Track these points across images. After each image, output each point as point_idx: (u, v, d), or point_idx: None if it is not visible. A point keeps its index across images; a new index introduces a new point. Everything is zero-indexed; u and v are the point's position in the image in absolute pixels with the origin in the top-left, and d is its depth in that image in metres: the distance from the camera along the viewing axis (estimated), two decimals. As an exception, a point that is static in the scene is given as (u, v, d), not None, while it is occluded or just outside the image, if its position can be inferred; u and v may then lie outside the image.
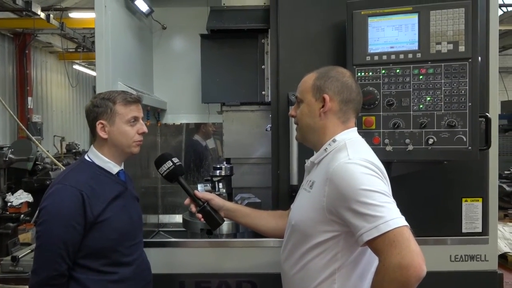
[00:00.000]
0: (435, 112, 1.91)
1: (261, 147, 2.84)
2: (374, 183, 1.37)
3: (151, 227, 3.19)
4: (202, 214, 1.86)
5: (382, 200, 1.34)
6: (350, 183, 1.37)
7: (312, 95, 1.57)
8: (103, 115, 1.83)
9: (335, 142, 1.53)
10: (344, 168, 1.41)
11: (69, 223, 1.70)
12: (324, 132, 1.56)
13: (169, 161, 1.87)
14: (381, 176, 1.42)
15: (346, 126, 1.57)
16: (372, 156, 1.50)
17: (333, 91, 1.54)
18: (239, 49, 2.80)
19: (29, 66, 11.68)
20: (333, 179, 1.41)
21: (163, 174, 1.88)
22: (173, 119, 3.33)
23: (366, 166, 1.40)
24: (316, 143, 1.59)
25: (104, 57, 2.28)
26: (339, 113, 1.55)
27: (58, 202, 1.72)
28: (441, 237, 2.23)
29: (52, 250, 1.69)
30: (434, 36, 1.90)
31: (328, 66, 1.63)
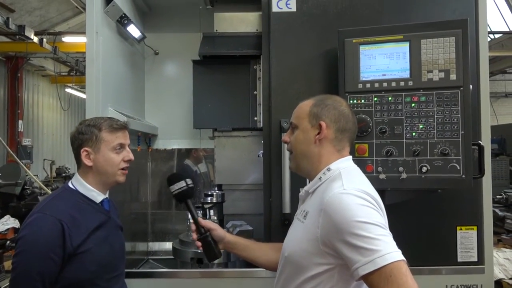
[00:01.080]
0: (428, 140, 1.90)
1: (253, 173, 2.81)
2: (370, 215, 1.33)
3: (140, 255, 3.10)
4: (201, 243, 1.79)
5: (378, 233, 1.29)
6: (344, 214, 1.33)
7: (308, 122, 1.54)
8: (88, 142, 1.79)
9: (329, 171, 1.50)
10: (339, 199, 1.37)
11: (47, 254, 1.63)
12: (318, 160, 1.53)
13: (183, 181, 1.80)
14: (376, 207, 1.38)
15: (341, 154, 1.55)
16: (367, 186, 1.46)
17: (330, 119, 1.52)
18: (231, 75, 2.80)
19: (21, 89, 11.65)
20: (327, 210, 1.38)
21: (173, 193, 1.80)
22: (164, 145, 3.30)
23: (361, 197, 1.36)
24: (310, 171, 1.56)
25: (94, 82, 2.27)
26: (334, 141, 1.53)
27: (36, 232, 1.65)
28: (437, 266, 2.19)
29: (28, 283, 1.62)
30: (425, 64, 1.91)
31: (324, 94, 1.62)
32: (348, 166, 1.52)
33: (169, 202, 3.29)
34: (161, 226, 3.30)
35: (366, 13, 2.24)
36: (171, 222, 3.29)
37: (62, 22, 11.37)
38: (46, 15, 10.70)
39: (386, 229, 1.34)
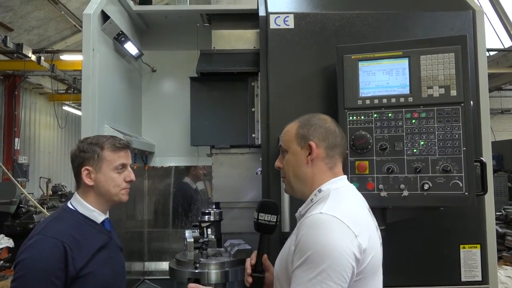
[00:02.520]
0: (430, 157, 1.87)
1: (251, 191, 2.77)
2: (330, 243, 1.30)
3: (136, 275, 3.03)
4: (254, 281, 1.68)
5: (323, 276, 1.28)
6: (309, 232, 1.34)
7: (297, 144, 1.54)
8: (90, 161, 1.75)
9: (320, 192, 1.49)
10: (314, 219, 1.36)
11: (48, 278, 1.57)
12: (312, 180, 1.52)
13: (276, 217, 1.67)
14: (350, 233, 1.33)
15: (334, 172, 1.53)
16: (352, 210, 1.43)
17: (318, 138, 1.52)
18: (229, 92, 2.79)
19: (18, 107, 11.63)
20: (301, 229, 1.38)
21: (259, 221, 1.67)
22: (161, 162, 3.26)
23: (332, 222, 1.34)
24: (304, 192, 1.54)
25: (90, 100, 2.24)
26: (326, 159, 1.52)
27: (37, 255, 1.60)
28: (440, 286, 2.14)
29: None
30: (425, 80, 1.89)
31: (308, 114, 1.61)
32: (340, 187, 1.50)
33: (166, 221, 3.24)
34: (157, 245, 3.24)
35: (364, 30, 2.24)
36: (167, 241, 3.23)
37: (60, 40, 11.43)
38: (45, 33, 10.76)
39: (336, 270, 1.29)
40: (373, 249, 1.38)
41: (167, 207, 3.26)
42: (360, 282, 1.35)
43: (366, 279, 1.37)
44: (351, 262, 1.31)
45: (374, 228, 1.47)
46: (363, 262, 1.34)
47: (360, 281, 1.35)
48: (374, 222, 1.52)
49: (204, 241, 2.56)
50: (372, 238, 1.40)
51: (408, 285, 2.14)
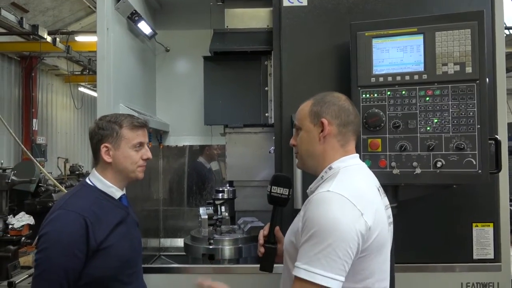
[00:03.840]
0: (443, 135, 1.86)
1: (264, 169, 2.79)
2: (337, 222, 1.33)
3: (152, 251, 3.11)
4: (265, 251, 1.73)
5: (328, 251, 1.31)
6: (315, 210, 1.37)
7: (310, 121, 1.56)
8: (108, 138, 1.79)
9: (330, 170, 1.51)
10: (321, 197, 1.39)
11: (71, 251, 1.63)
12: (323, 157, 1.54)
13: (288, 190, 1.71)
14: (357, 210, 1.35)
15: (345, 150, 1.54)
16: (360, 186, 1.45)
17: (331, 115, 1.53)
18: (242, 71, 2.79)
19: (35, 89, 11.80)
20: (308, 205, 1.42)
21: (272, 193, 1.71)
22: (175, 141, 3.30)
23: (339, 200, 1.36)
24: (316, 169, 1.57)
25: (105, 79, 2.27)
26: (339, 136, 1.53)
27: (60, 229, 1.66)
28: (451, 263, 2.15)
29: (52, 279, 1.62)
30: (440, 57, 1.87)
31: (323, 92, 1.62)
32: (350, 165, 1.51)
33: (180, 199, 3.30)
34: (172, 222, 3.31)
35: (378, 7, 2.21)
36: (182, 219, 3.30)
37: (74, 21, 11.49)
38: (59, 15, 10.81)
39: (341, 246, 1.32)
40: (378, 227, 1.40)
41: (182, 185, 3.31)
42: (365, 258, 1.38)
43: (371, 255, 1.39)
44: (356, 239, 1.33)
45: (382, 207, 1.48)
46: (368, 240, 1.37)
47: (365, 258, 1.38)
48: (384, 201, 1.53)
49: (218, 218, 2.61)
50: (378, 216, 1.41)
51: (420, 263, 2.17)
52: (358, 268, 1.38)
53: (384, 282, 1.48)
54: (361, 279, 1.40)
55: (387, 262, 1.49)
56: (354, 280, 1.39)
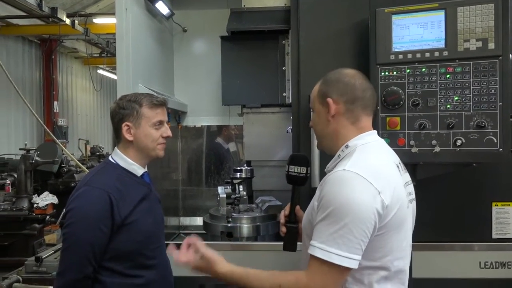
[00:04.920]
0: (463, 113, 1.84)
1: (282, 149, 2.80)
2: (353, 201, 1.33)
3: (172, 229, 3.18)
4: (288, 231, 1.73)
5: (344, 230, 1.32)
6: (331, 190, 1.37)
7: (319, 103, 1.55)
8: (129, 117, 1.83)
9: (347, 148, 1.50)
10: (337, 176, 1.39)
11: (96, 225, 1.70)
12: (336, 136, 1.53)
13: (306, 168, 1.70)
14: (373, 189, 1.35)
15: (358, 127, 1.52)
16: (377, 164, 1.43)
17: (336, 93, 1.51)
18: (260, 51, 2.78)
19: (55, 71, 11.97)
20: (324, 184, 1.42)
21: (289, 173, 1.71)
22: (193, 122, 3.33)
23: (355, 179, 1.35)
24: (332, 148, 1.56)
25: (124, 59, 2.29)
26: (347, 113, 1.51)
27: (86, 204, 1.72)
28: (469, 242, 2.15)
29: (79, 253, 1.69)
30: (462, 33, 1.83)
31: (333, 71, 1.60)
32: (367, 143, 1.49)
33: (199, 179, 3.34)
34: (191, 202, 3.36)
35: (399, -18, 2.16)
36: (201, 198, 3.35)
37: (92, 4, 11.53)
38: (77, -3, 10.87)
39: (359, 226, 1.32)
40: (397, 204, 1.39)
41: (200, 166, 3.35)
42: (383, 236, 1.38)
43: (389, 233, 1.39)
44: (373, 217, 1.33)
45: (401, 184, 1.46)
46: (386, 217, 1.36)
47: (383, 235, 1.38)
48: (404, 177, 1.52)
49: (236, 197, 2.65)
50: (396, 193, 1.40)
51: (438, 241, 2.16)
52: (376, 246, 1.38)
53: (403, 260, 1.47)
54: (379, 257, 1.40)
55: (406, 240, 1.48)
56: (372, 258, 1.39)
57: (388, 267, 1.42)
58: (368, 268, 1.40)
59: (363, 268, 1.38)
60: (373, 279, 1.41)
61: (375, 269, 1.41)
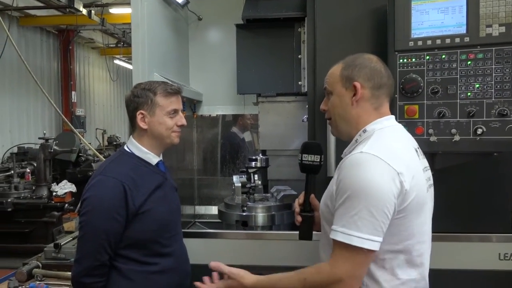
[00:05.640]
0: (485, 100, 1.79)
1: (297, 138, 2.78)
2: (371, 184, 1.32)
3: (188, 218, 3.21)
4: (303, 220, 1.71)
5: (364, 212, 1.31)
6: (349, 173, 1.36)
7: (341, 85, 1.52)
8: (144, 105, 1.83)
9: (365, 133, 1.49)
10: (354, 158, 1.38)
11: (111, 214, 1.72)
12: (357, 121, 1.51)
13: (320, 156, 1.66)
14: (392, 170, 1.33)
15: (380, 112, 1.51)
16: (395, 147, 1.42)
17: (363, 78, 1.49)
18: (275, 39, 2.75)
19: (73, 62, 12.13)
20: (342, 167, 1.41)
21: (303, 162, 1.68)
22: (209, 111, 3.32)
23: (371, 161, 1.34)
24: (349, 133, 1.55)
25: (140, 48, 2.29)
26: (372, 99, 1.50)
27: (100, 194, 1.74)
28: (488, 233, 2.10)
29: (95, 241, 1.72)
30: (484, 18, 1.77)
31: (353, 55, 1.58)
32: (385, 127, 1.48)
33: (214, 168, 3.35)
34: (207, 191, 3.37)
35: (418, -34, 2.10)
36: (216, 188, 3.35)
37: (109, -6, 11.59)
38: (94, -13, 10.92)
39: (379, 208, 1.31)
40: (416, 187, 1.38)
41: (215, 155, 3.35)
42: (403, 219, 1.37)
43: (410, 216, 1.38)
44: (392, 199, 1.32)
45: (420, 168, 1.45)
46: (405, 200, 1.35)
47: (403, 219, 1.37)
48: (422, 162, 1.51)
49: (251, 186, 2.65)
50: (416, 177, 1.39)
51: (455, 232, 2.13)
52: (397, 230, 1.37)
53: (424, 244, 1.47)
54: (400, 240, 1.39)
55: (426, 225, 1.48)
56: (393, 241, 1.39)
57: (409, 251, 1.42)
58: (389, 252, 1.39)
59: (384, 252, 1.38)
60: (394, 263, 1.41)
61: (396, 253, 1.41)
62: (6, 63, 9.00)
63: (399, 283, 1.41)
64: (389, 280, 1.41)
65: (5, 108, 9.62)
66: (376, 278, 1.41)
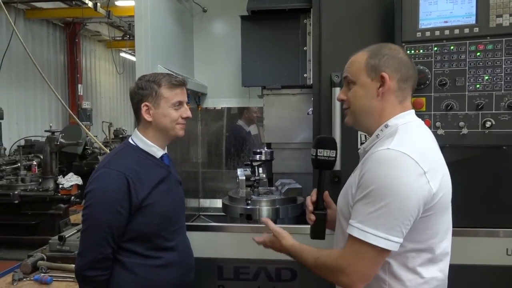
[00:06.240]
0: (494, 93, 1.75)
1: (302, 131, 2.76)
2: (395, 181, 1.27)
3: (192, 211, 3.20)
4: (316, 218, 1.64)
5: (383, 210, 1.27)
6: (374, 168, 1.32)
7: (366, 76, 1.43)
8: (148, 97, 1.82)
9: (387, 128, 1.42)
10: (381, 154, 1.32)
11: (114, 207, 1.71)
12: (380, 114, 1.44)
13: (335, 152, 1.60)
14: (420, 168, 1.28)
15: (403, 106, 1.45)
16: (423, 146, 1.37)
17: (391, 69, 1.41)
18: (280, 31, 2.71)
19: (79, 55, 12.15)
20: (367, 163, 1.36)
21: (318, 157, 1.60)
22: (213, 103, 3.30)
23: (400, 158, 1.29)
24: (370, 127, 1.47)
25: (143, 40, 2.27)
26: (398, 92, 1.43)
27: (104, 186, 1.73)
28: (496, 228, 2.07)
29: (98, 234, 1.71)
30: (494, 8, 1.73)
31: (377, 44, 1.50)
32: (408, 122, 1.42)
33: (219, 161, 3.33)
34: (211, 184, 3.36)
35: (427, -45, 2.05)
36: (221, 181, 3.34)
37: (114, -14, 11.57)
38: (99, -21, 10.90)
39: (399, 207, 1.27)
40: (444, 186, 1.34)
41: (220, 148, 3.34)
42: (430, 218, 1.33)
43: (436, 215, 1.34)
44: (417, 200, 1.27)
45: (446, 166, 1.41)
46: (433, 200, 1.31)
47: (430, 217, 1.33)
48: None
49: (256, 180, 2.63)
50: (445, 176, 1.36)
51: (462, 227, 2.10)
52: (422, 228, 1.33)
53: (445, 242, 1.43)
54: (425, 239, 1.36)
55: (448, 222, 1.45)
56: (418, 240, 1.35)
57: (433, 249, 1.38)
58: (412, 250, 1.36)
59: (407, 251, 1.35)
60: (416, 262, 1.37)
61: (419, 252, 1.37)
62: (13, 56, 9.03)
63: (422, 282, 1.37)
64: (412, 279, 1.37)
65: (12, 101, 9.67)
66: (399, 277, 1.37)
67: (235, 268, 2.23)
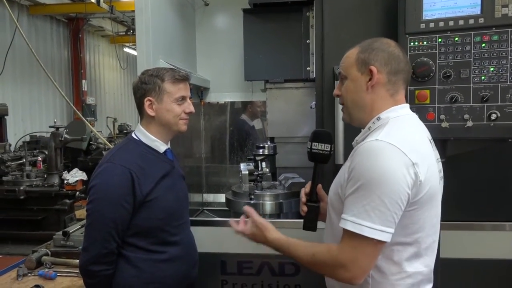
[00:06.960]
0: (500, 84, 1.72)
1: (305, 125, 2.75)
2: (385, 173, 1.27)
3: (196, 205, 3.20)
4: (308, 209, 1.67)
5: (376, 203, 1.27)
6: (362, 161, 1.31)
7: (357, 70, 1.45)
8: (151, 92, 1.81)
9: (379, 120, 1.43)
10: (368, 146, 1.33)
11: (118, 202, 1.70)
12: (371, 107, 1.45)
13: (330, 146, 1.61)
14: (407, 159, 1.28)
15: (395, 99, 1.45)
16: (412, 137, 1.37)
17: (380, 62, 1.42)
18: (283, 24, 2.70)
19: (83, 50, 12.13)
20: (355, 155, 1.36)
21: (312, 150, 1.62)
22: (216, 98, 3.29)
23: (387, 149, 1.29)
24: (363, 120, 1.49)
25: (144, 34, 2.26)
26: (388, 85, 1.43)
27: (108, 181, 1.73)
28: (503, 222, 2.05)
29: (102, 229, 1.71)
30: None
31: (370, 39, 1.51)
32: (400, 115, 1.43)
33: (222, 156, 3.32)
34: (215, 179, 3.36)
35: None
36: (224, 175, 3.34)
37: (117, -19, 11.53)
38: (102, -26, 10.86)
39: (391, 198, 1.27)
40: (430, 180, 1.34)
41: (224, 142, 3.33)
42: (415, 211, 1.33)
43: (422, 209, 1.34)
44: (407, 189, 1.28)
45: (434, 160, 1.41)
46: (419, 192, 1.31)
47: (415, 211, 1.33)
48: (435, 153, 1.46)
49: (259, 174, 2.62)
50: (430, 169, 1.35)
51: (467, 221, 2.08)
52: (408, 222, 1.34)
53: (433, 237, 1.44)
54: (410, 233, 1.36)
55: (437, 217, 1.45)
56: (404, 234, 1.35)
57: (419, 244, 1.38)
58: (398, 244, 1.36)
59: (393, 244, 1.34)
60: (403, 256, 1.37)
61: (405, 246, 1.37)
62: (17, 52, 9.04)
63: (405, 276, 1.38)
64: (395, 273, 1.37)
65: (17, 97, 9.69)
66: (382, 270, 1.37)
67: (239, 262, 2.23)
